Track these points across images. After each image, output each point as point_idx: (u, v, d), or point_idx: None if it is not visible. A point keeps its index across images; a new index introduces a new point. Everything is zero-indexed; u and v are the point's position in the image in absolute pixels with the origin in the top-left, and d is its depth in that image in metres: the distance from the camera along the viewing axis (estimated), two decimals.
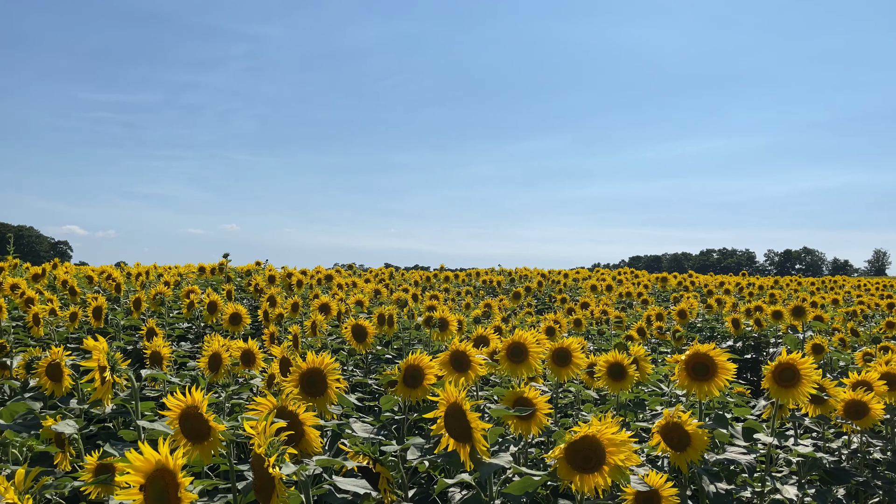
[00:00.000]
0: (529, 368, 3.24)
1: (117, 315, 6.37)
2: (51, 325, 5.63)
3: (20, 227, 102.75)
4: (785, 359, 3.08)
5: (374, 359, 5.44)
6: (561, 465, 2.10)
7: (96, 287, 8.84)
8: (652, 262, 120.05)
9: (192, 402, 2.01)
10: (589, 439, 2.05)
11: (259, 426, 1.67)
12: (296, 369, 2.61)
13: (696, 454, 2.73)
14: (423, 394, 2.90)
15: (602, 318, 7.60)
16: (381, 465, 2.33)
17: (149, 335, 4.81)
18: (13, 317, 6.29)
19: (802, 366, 3.04)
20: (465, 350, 3.05)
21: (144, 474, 1.56)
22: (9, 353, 4.98)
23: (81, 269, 11.12)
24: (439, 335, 5.10)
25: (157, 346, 3.93)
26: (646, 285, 12.63)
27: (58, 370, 3.25)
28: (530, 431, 2.71)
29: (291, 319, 6.36)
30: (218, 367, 3.65)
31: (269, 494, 1.64)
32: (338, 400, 2.64)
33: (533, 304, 10.17)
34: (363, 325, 4.42)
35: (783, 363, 3.08)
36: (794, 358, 3.06)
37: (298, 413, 2.16)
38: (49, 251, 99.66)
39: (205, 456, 2.03)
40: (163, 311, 6.66)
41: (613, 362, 3.55)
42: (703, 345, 3.04)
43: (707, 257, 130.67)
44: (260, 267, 11.16)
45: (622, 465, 2.05)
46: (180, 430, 2.04)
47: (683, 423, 2.75)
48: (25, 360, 4.36)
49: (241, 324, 5.31)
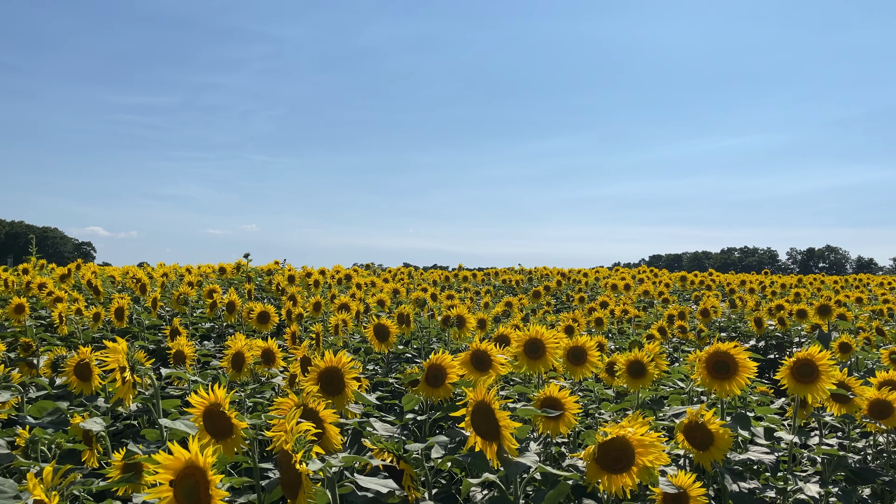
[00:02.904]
0: (546, 364, 3.24)
1: (141, 315, 6.45)
2: (76, 325, 5.72)
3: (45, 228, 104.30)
4: (803, 354, 3.05)
5: (395, 358, 5.46)
6: (590, 466, 2.10)
7: (120, 287, 8.96)
8: (672, 261, 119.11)
9: (215, 399, 2.04)
10: (619, 440, 2.05)
11: (286, 424, 1.69)
12: (314, 368, 2.64)
13: (719, 453, 2.72)
14: (445, 393, 2.91)
15: (622, 317, 7.57)
16: (406, 462, 2.34)
17: (172, 335, 4.88)
18: (38, 316, 6.39)
19: (821, 361, 3.01)
20: (487, 349, 3.05)
21: (175, 472, 1.58)
22: (35, 353, 5.07)
23: (105, 270, 11.27)
24: (458, 334, 5.12)
25: (180, 345, 3.98)
26: (666, 284, 12.54)
27: (87, 369, 3.30)
28: (558, 431, 2.71)
29: (313, 319, 6.40)
30: (241, 365, 3.69)
31: (297, 490, 1.66)
32: (355, 398, 2.66)
33: (552, 304, 10.15)
34: (385, 324, 4.44)
35: (801, 358, 3.05)
36: (813, 353, 3.03)
37: (319, 411, 2.19)
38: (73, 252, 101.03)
39: (228, 453, 2.06)
40: (186, 310, 6.73)
41: (633, 360, 3.54)
42: (723, 343, 3.02)
43: (728, 256, 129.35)
44: (279, 267, 11.24)
45: (651, 465, 2.05)
46: (204, 427, 2.07)
47: (706, 423, 2.74)
48: (51, 359, 4.44)
49: (269, 322, 5.37)
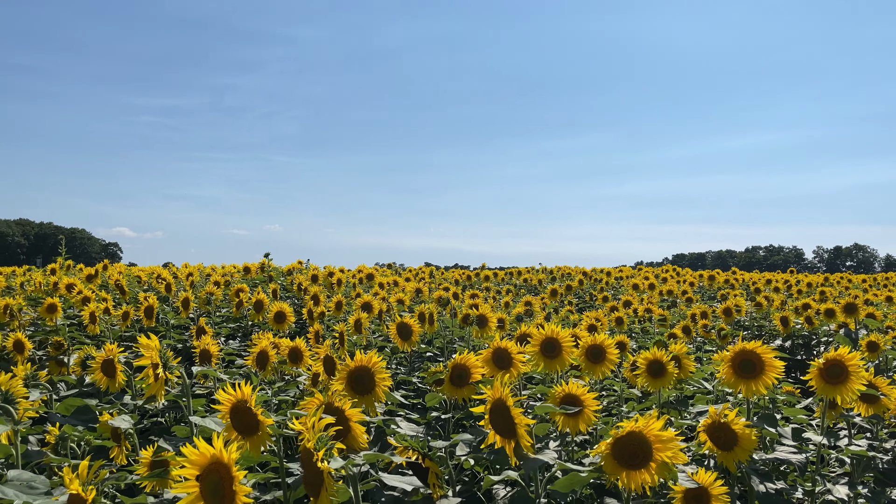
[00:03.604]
0: (563, 363, 3.23)
1: (167, 314, 6.54)
2: (105, 324, 5.81)
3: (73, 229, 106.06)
4: (832, 355, 3.02)
5: (417, 356, 5.48)
6: (607, 460, 2.10)
7: (146, 287, 9.08)
8: (696, 260, 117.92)
9: (242, 396, 2.07)
10: (635, 435, 2.04)
11: (308, 421, 1.71)
12: (343, 367, 2.65)
13: (744, 453, 2.69)
14: (469, 392, 2.92)
15: (645, 317, 7.52)
16: (430, 460, 2.36)
17: (198, 333, 4.94)
18: (67, 315, 6.51)
19: (850, 362, 2.97)
20: (507, 347, 3.05)
21: (200, 467, 1.61)
22: (66, 351, 5.17)
23: (132, 270, 11.44)
24: (480, 333, 5.12)
25: (206, 343, 4.03)
26: (690, 283, 12.43)
27: (111, 367, 3.36)
28: (578, 429, 2.70)
29: (335, 318, 6.44)
30: (265, 364, 3.73)
31: (319, 488, 1.68)
32: (385, 398, 2.67)
33: (574, 303, 10.10)
34: (409, 323, 4.46)
35: (831, 359, 3.01)
36: (842, 354, 2.99)
37: (344, 409, 2.20)
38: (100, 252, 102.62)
39: (254, 450, 2.08)
40: (211, 310, 6.81)
41: (653, 359, 3.52)
42: (749, 342, 3.00)
43: (753, 254, 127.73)
44: (302, 266, 11.32)
45: (669, 462, 2.04)
46: (231, 424, 2.10)
47: (731, 422, 2.71)
48: (81, 358, 4.53)
49: (285, 322, 5.40)
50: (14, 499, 2.16)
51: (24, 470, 2.35)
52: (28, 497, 2.18)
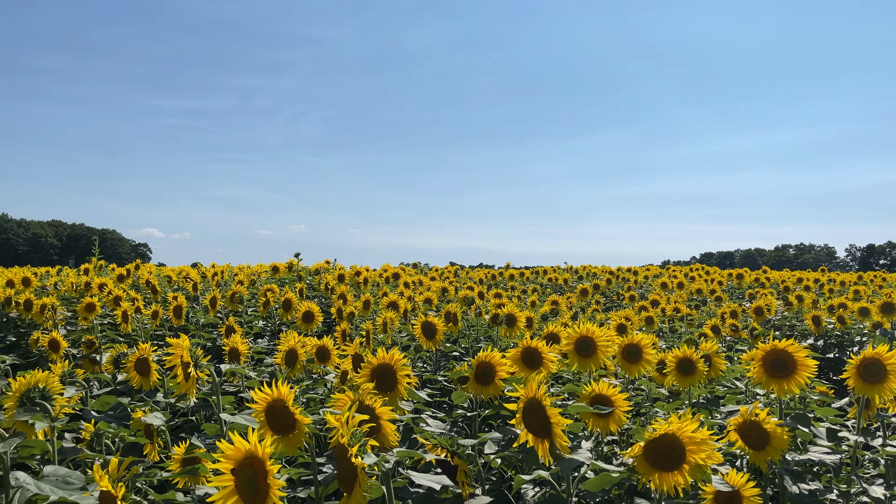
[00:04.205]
0: (598, 362, 3.22)
1: (197, 313, 6.63)
2: (136, 323, 5.91)
3: (104, 230, 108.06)
4: (870, 353, 2.97)
5: (442, 356, 5.48)
6: (639, 462, 2.08)
7: (175, 286, 9.22)
8: (724, 259, 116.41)
9: (279, 395, 2.09)
10: (669, 437, 2.03)
11: (342, 417, 1.73)
12: (367, 365, 2.67)
13: (776, 453, 2.66)
14: (494, 391, 2.91)
15: (674, 316, 7.45)
16: (459, 458, 2.36)
17: (227, 332, 5.00)
18: (100, 314, 6.62)
19: (889, 360, 2.92)
20: (537, 347, 3.04)
21: (235, 461, 1.63)
22: (98, 350, 5.26)
23: (162, 270, 11.61)
24: (506, 332, 5.11)
25: (235, 342, 4.07)
26: (719, 282, 12.28)
27: (146, 365, 3.41)
28: (608, 429, 2.69)
29: (362, 317, 6.48)
30: (294, 362, 3.76)
31: (352, 484, 1.69)
32: (408, 395, 2.68)
33: (601, 302, 10.04)
34: (433, 322, 4.46)
35: (868, 358, 2.97)
36: (881, 352, 2.94)
37: (375, 407, 2.21)
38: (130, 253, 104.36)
39: (290, 448, 2.10)
40: (240, 309, 6.88)
41: (682, 357, 3.49)
42: (780, 340, 2.95)
43: (783, 253, 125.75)
44: (329, 266, 11.40)
45: (703, 463, 2.02)
46: (266, 423, 2.12)
47: (762, 422, 2.68)
48: (113, 356, 4.61)
49: (313, 321, 5.44)
50: (50, 494, 2.20)
51: (59, 466, 2.40)
52: (64, 492, 2.22)
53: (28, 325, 6.79)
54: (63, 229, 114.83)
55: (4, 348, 6.17)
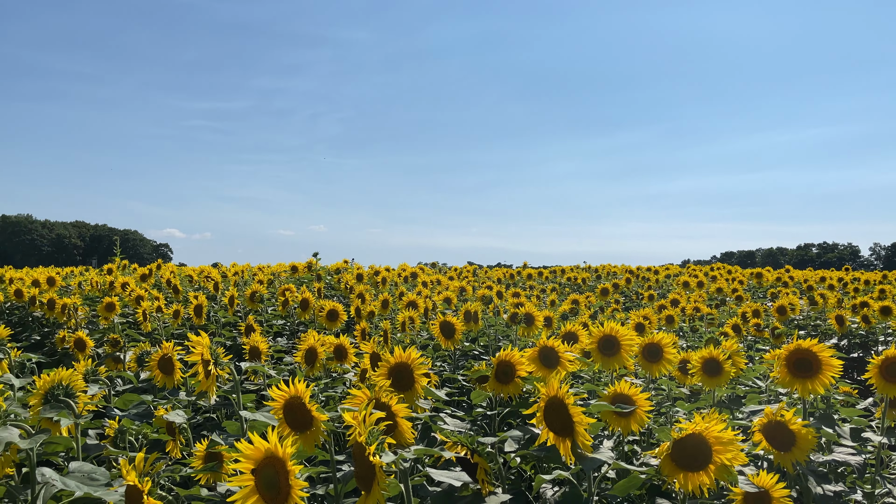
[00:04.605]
0: (621, 362, 3.20)
1: (217, 312, 6.69)
2: (158, 322, 5.97)
3: (126, 230, 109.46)
4: (892, 353, 2.93)
5: (462, 355, 5.48)
6: (666, 462, 2.07)
7: (196, 286, 9.30)
8: (745, 258, 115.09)
9: (296, 392, 2.09)
10: (696, 437, 2.01)
11: (359, 416, 1.73)
12: (384, 363, 2.68)
13: (801, 454, 2.62)
14: (514, 389, 2.91)
15: (694, 315, 7.39)
16: (479, 455, 2.36)
17: (247, 331, 5.04)
18: (123, 314, 6.70)
19: None
20: (554, 346, 3.03)
21: (255, 461, 1.64)
22: (122, 348, 5.33)
23: (183, 270, 11.72)
24: (525, 331, 5.09)
25: (255, 341, 4.10)
26: (740, 281, 12.15)
27: (169, 364, 3.45)
28: (630, 428, 2.67)
29: (381, 316, 6.49)
30: (313, 361, 3.78)
31: (371, 482, 1.69)
32: (425, 393, 2.69)
33: (620, 302, 9.98)
34: (451, 321, 4.46)
35: (890, 357, 2.93)
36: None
37: (391, 405, 2.22)
38: (152, 253, 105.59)
39: (307, 445, 2.11)
40: (259, 308, 6.93)
41: (709, 358, 3.45)
42: (805, 340, 2.92)
43: (805, 252, 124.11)
44: (347, 265, 11.45)
45: (728, 464, 1.99)
46: (284, 420, 2.13)
47: (787, 422, 2.64)
48: (136, 354, 4.66)
49: (338, 320, 5.47)
50: (75, 490, 2.23)
51: (84, 462, 2.43)
52: (88, 488, 2.25)
53: (52, 325, 6.89)
54: (86, 230, 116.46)
55: (29, 346, 6.27)
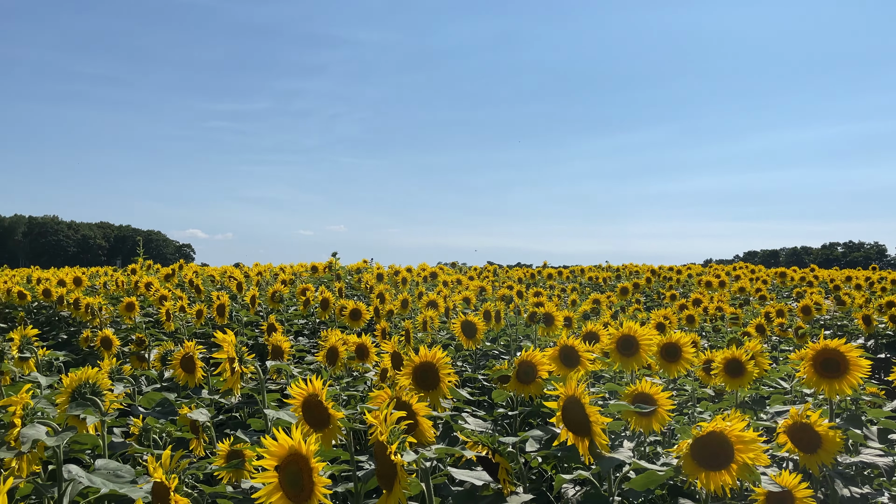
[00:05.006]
0: (640, 361, 3.18)
1: (240, 312, 6.74)
2: (181, 321, 6.03)
3: (149, 231, 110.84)
4: None
5: (482, 354, 5.47)
6: (686, 461, 2.05)
7: (219, 286, 9.39)
8: (768, 257, 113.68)
9: (314, 390, 2.11)
10: (716, 435, 1.99)
11: (380, 415, 1.73)
12: (409, 363, 2.68)
13: (827, 456, 2.58)
14: (536, 390, 2.90)
15: (717, 315, 7.31)
16: (500, 455, 2.35)
17: (269, 330, 5.07)
18: (147, 313, 6.79)
19: None
20: (574, 345, 3.02)
21: (279, 458, 1.65)
22: (146, 347, 5.39)
23: (205, 270, 11.83)
24: (546, 331, 5.08)
25: (277, 340, 4.13)
26: (764, 280, 12.01)
27: (191, 363, 3.48)
28: (651, 428, 2.65)
29: (401, 315, 6.51)
30: (335, 360, 3.80)
31: (392, 481, 1.70)
32: (450, 393, 2.69)
33: (642, 301, 9.91)
34: (473, 321, 4.46)
35: None
36: None
37: (412, 404, 2.22)
38: (174, 253, 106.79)
39: (326, 443, 2.12)
40: (281, 307, 6.98)
41: (731, 358, 3.42)
42: (832, 340, 2.88)
43: (830, 251, 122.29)
44: (367, 265, 11.49)
45: (750, 463, 1.97)
46: (303, 418, 2.15)
47: (813, 423, 2.61)
48: (160, 354, 4.71)
49: (361, 319, 5.50)
50: (101, 487, 2.26)
51: (110, 459, 2.47)
52: (114, 485, 2.28)
53: (78, 324, 7.00)
54: (110, 231, 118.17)
55: (56, 345, 6.37)
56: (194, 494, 2.54)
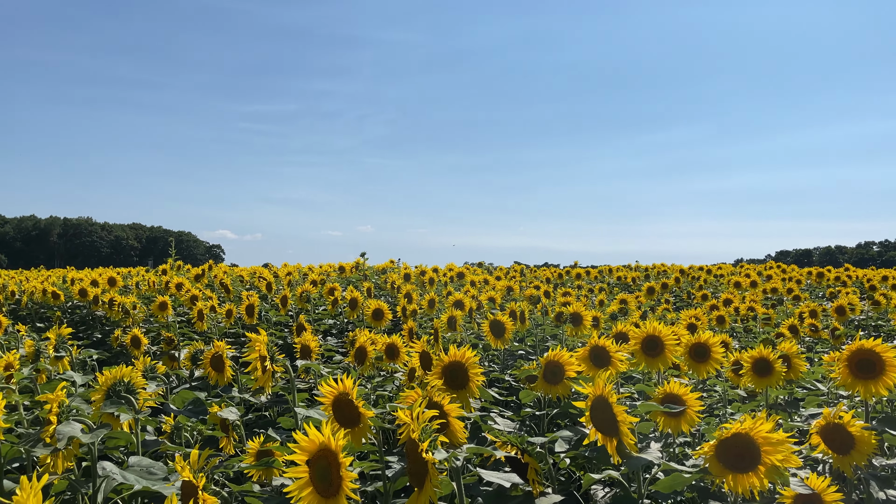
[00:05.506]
0: (665, 362, 3.15)
1: (269, 312, 6.81)
2: (211, 321, 6.11)
3: (180, 232, 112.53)
4: None
5: (509, 354, 5.46)
6: (712, 462, 2.02)
7: (248, 286, 9.49)
8: (801, 257, 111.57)
9: (344, 389, 2.12)
10: (742, 437, 1.96)
11: (412, 413, 1.74)
12: (438, 362, 2.68)
13: (861, 457, 2.53)
14: (563, 390, 2.88)
15: (748, 315, 7.21)
16: (529, 455, 2.35)
17: (298, 330, 5.12)
18: (177, 313, 6.89)
19: None
20: (605, 345, 3.00)
21: (309, 453, 1.67)
22: (177, 346, 5.47)
23: (234, 270, 11.98)
24: (573, 331, 5.05)
25: (306, 339, 4.17)
26: (797, 280, 11.81)
27: (221, 362, 3.53)
28: (679, 429, 2.62)
29: (427, 315, 6.52)
30: (364, 360, 3.82)
31: (423, 479, 1.70)
32: (479, 393, 2.68)
33: (671, 301, 9.81)
34: (502, 320, 4.45)
35: None
36: None
37: (444, 404, 2.22)
38: (205, 254, 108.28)
39: (356, 441, 2.13)
40: (309, 307, 7.03)
41: (758, 357, 3.37)
42: (867, 340, 2.82)
43: (866, 250, 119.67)
44: (394, 265, 11.53)
45: (779, 465, 1.94)
46: (333, 416, 2.16)
47: (847, 424, 2.56)
48: (191, 353, 4.78)
49: (383, 319, 5.52)
50: (135, 483, 2.30)
51: (143, 457, 2.51)
52: (147, 482, 2.32)
53: (112, 323, 7.13)
54: (142, 232, 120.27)
55: (91, 344, 6.50)
56: (223, 493, 2.57)
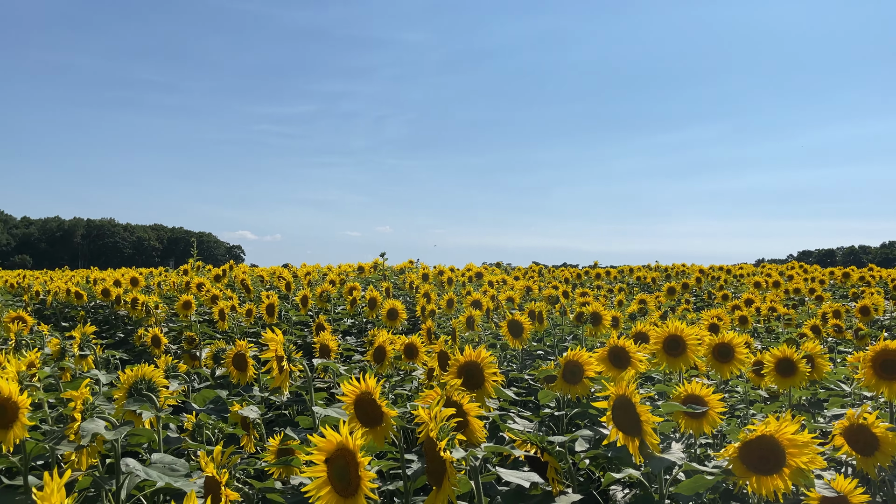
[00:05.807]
0: (687, 362, 3.13)
1: (288, 311, 6.85)
2: (232, 320, 6.17)
3: (201, 233, 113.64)
4: None
5: (528, 355, 5.45)
6: (735, 464, 2.01)
7: (268, 286, 9.57)
8: (824, 257, 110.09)
9: (367, 388, 2.13)
10: (766, 439, 1.94)
11: (431, 412, 1.75)
12: (454, 362, 2.69)
13: (885, 458, 2.50)
14: (582, 390, 2.87)
15: (770, 316, 7.13)
16: (549, 454, 2.34)
17: (317, 330, 5.15)
18: (198, 312, 6.96)
19: None
20: (624, 346, 2.98)
21: (327, 453, 1.68)
22: (198, 346, 5.53)
23: (254, 270, 12.07)
24: (592, 331, 5.03)
25: (325, 339, 4.19)
26: (820, 280, 11.66)
27: (243, 361, 3.56)
28: (701, 430, 2.61)
29: (446, 315, 6.53)
30: (383, 359, 3.83)
31: (441, 478, 1.71)
32: (495, 393, 2.68)
33: (691, 302, 9.73)
34: (520, 320, 4.44)
35: None
36: None
37: (463, 403, 2.23)
38: (225, 255, 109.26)
39: (378, 440, 2.14)
40: (328, 307, 7.07)
41: (782, 357, 3.33)
42: (892, 341, 2.78)
43: (890, 250, 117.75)
44: (413, 265, 11.56)
45: (804, 467, 1.92)
46: (355, 415, 2.17)
47: (871, 425, 2.52)
48: (212, 352, 4.83)
49: (397, 319, 5.53)
50: (157, 480, 2.33)
51: (165, 454, 2.54)
52: (169, 478, 2.34)
53: (135, 322, 7.22)
54: (164, 232, 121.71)
55: (114, 344, 6.59)
56: (245, 489, 2.60)
